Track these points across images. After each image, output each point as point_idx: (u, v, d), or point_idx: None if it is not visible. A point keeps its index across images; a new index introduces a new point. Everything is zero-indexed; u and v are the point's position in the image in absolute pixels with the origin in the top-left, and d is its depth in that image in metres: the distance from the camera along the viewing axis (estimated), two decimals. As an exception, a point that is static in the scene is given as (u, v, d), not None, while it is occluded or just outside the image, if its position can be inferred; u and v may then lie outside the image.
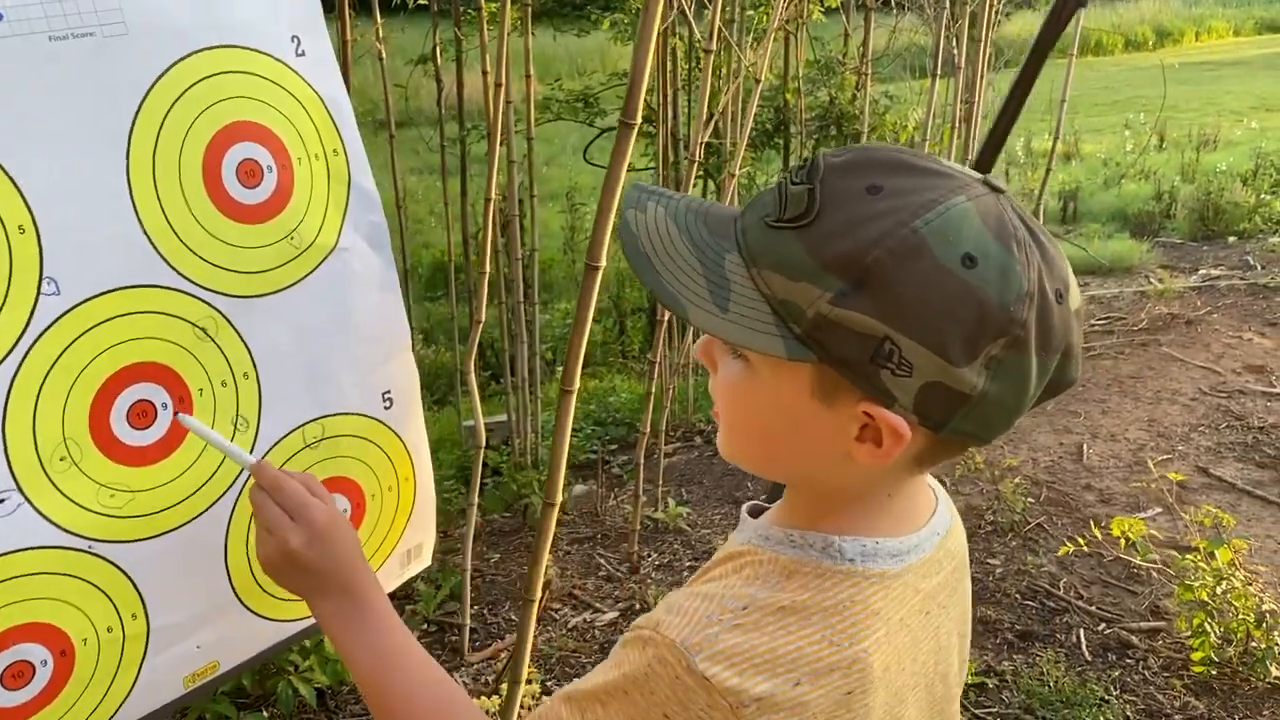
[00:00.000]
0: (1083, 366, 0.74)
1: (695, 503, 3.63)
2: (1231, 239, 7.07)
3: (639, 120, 1.57)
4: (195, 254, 1.02)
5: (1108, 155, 9.70)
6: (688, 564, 3.20)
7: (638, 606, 2.97)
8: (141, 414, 1.01)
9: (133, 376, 1.00)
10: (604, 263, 1.68)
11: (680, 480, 3.79)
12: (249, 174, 1.06)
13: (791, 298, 0.68)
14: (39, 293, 0.92)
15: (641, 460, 3.10)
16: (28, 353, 0.92)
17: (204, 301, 1.03)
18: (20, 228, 0.91)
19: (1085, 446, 3.76)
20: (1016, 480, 3.40)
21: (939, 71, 4.14)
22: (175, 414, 1.03)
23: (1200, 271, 6.26)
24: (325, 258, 1.13)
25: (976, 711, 2.52)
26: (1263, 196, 7.58)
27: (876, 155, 0.71)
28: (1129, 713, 2.52)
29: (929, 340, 0.65)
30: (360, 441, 1.19)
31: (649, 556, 3.24)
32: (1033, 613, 2.89)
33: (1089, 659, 2.71)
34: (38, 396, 0.94)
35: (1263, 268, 6.18)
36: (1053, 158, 4.03)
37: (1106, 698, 2.56)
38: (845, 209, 0.67)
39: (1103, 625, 2.83)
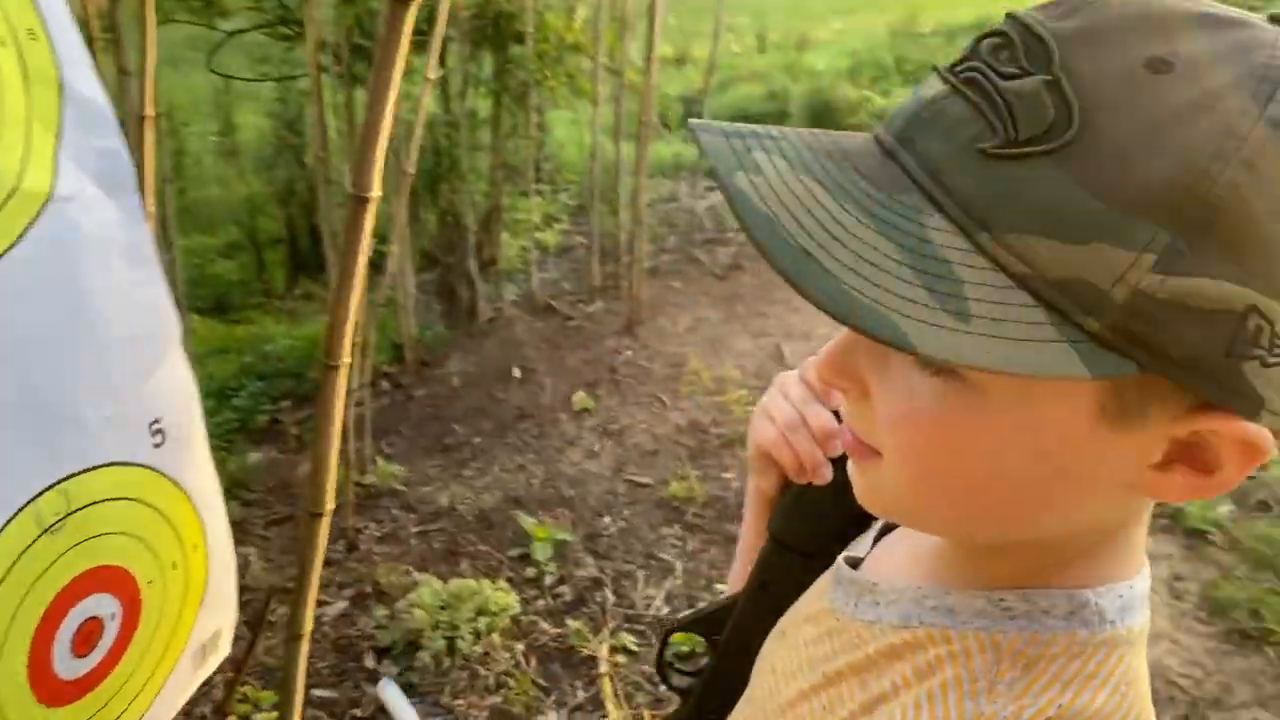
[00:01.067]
0: None
1: (400, 457, 3.23)
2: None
3: (419, -5, 1.16)
4: None
5: (715, 59, 10.04)
6: (413, 530, 2.82)
7: (369, 590, 2.57)
8: None
9: None
10: (377, 192, 1.26)
11: (376, 433, 3.36)
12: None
13: (1076, 273, 0.39)
14: None
15: (350, 417, 2.67)
16: None
17: None
18: None
19: (783, 347, 3.78)
20: (739, 393, 3.34)
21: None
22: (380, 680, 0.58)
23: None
24: (37, 215, 0.67)
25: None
26: (864, 92, 8.16)
27: (1112, 2, 0.42)
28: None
29: None
30: (125, 506, 0.75)
31: (366, 529, 2.82)
32: (780, 524, 2.84)
33: (843, 563, 2.70)
34: None
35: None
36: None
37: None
38: (1131, 106, 0.39)
39: (847, 526, 2.84)
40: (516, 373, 3.70)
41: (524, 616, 2.45)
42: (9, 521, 0.66)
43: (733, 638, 0.72)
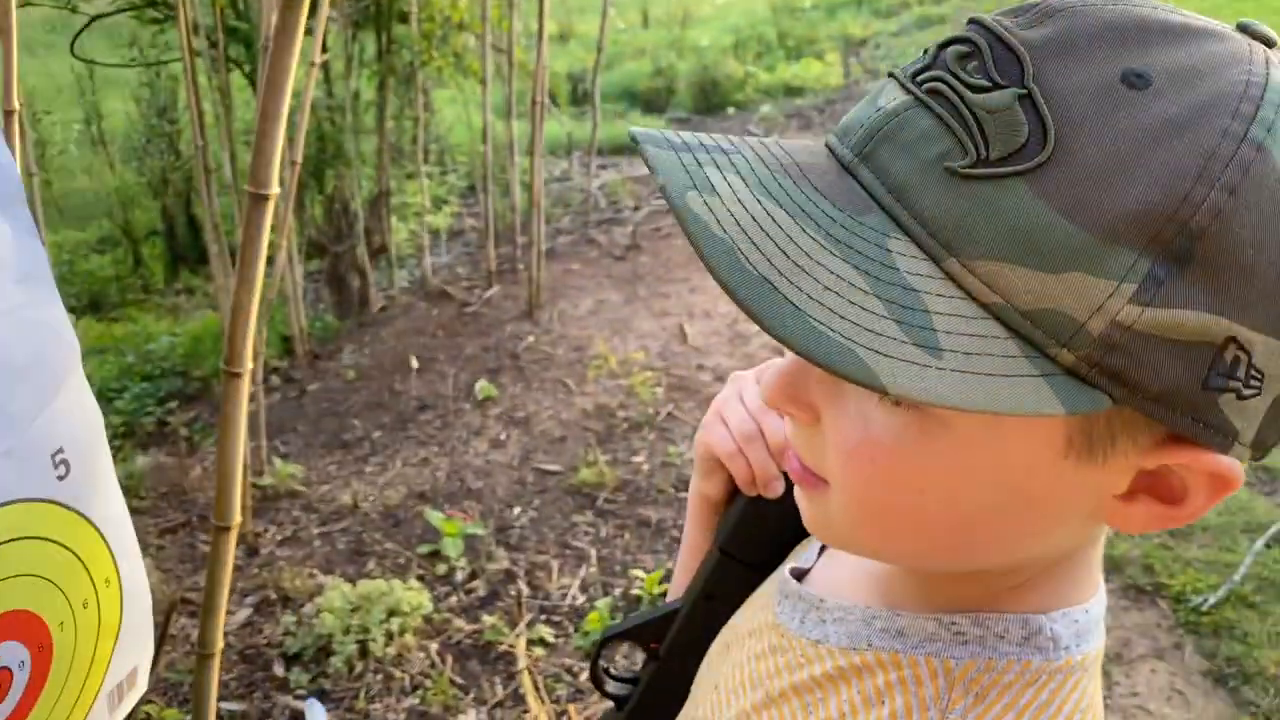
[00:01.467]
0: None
1: (297, 455, 3.13)
2: (730, 110, 7.60)
3: (315, -17, 1.10)
4: None
5: (604, 36, 9.97)
6: (316, 532, 2.74)
7: (273, 596, 2.48)
8: None
9: None
10: (276, 189, 1.20)
11: (271, 431, 3.25)
12: None
13: (1052, 304, 0.37)
14: None
15: (245, 416, 2.56)
16: None
17: None
18: None
19: (685, 327, 3.78)
20: (645, 374, 3.32)
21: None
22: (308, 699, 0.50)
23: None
24: (-86, 235, 0.60)
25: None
26: (749, 69, 8.22)
27: (1083, 11, 0.40)
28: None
29: None
30: (30, 545, 0.69)
31: (266, 532, 2.72)
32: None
33: (755, 540, 2.71)
34: None
35: (766, 134, 6.72)
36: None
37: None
38: (1108, 124, 0.37)
39: (757, 503, 2.85)
40: (414, 363, 3.61)
41: (437, 614, 2.40)
42: (-100, 575, 0.60)
43: (675, 648, 0.70)
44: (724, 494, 0.69)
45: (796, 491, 0.51)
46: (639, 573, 2.51)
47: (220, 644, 1.47)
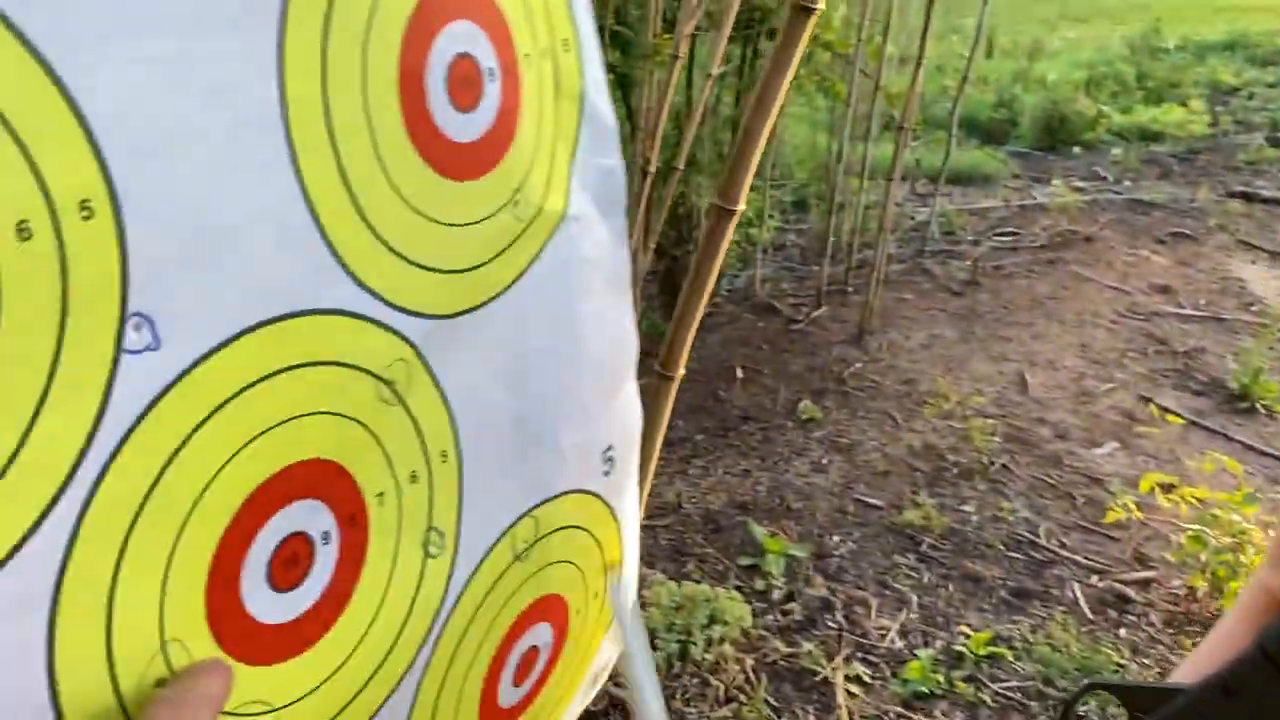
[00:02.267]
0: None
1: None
2: (1076, 149, 7.18)
3: (819, 3, 1.10)
4: (386, 245, 0.52)
5: (942, 61, 9.69)
6: (641, 524, 2.81)
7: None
8: (290, 562, 0.51)
9: (279, 495, 0.50)
10: (742, 206, 1.22)
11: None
12: (464, 83, 0.55)
13: None
14: (118, 348, 0.41)
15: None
16: (101, 476, 0.41)
17: (395, 332, 0.54)
18: (84, 204, 0.39)
19: (1026, 376, 3.59)
20: (982, 420, 3.19)
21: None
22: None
23: (1056, 183, 6.28)
24: (550, 237, 0.64)
25: (995, 687, 2.29)
26: (1102, 107, 7.73)
27: None
28: (1148, 678, 2.36)
29: None
30: (574, 534, 0.73)
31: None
32: (1021, 566, 2.69)
33: (1091, 617, 2.53)
34: (118, 562, 0.43)
35: (1115, 180, 6.28)
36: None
37: (1122, 662, 2.39)
38: None
39: (1094, 577, 2.66)
40: (739, 372, 3.64)
41: (753, 630, 2.40)
42: (493, 546, 0.64)
43: None
44: None
45: None
46: (964, 629, 2.41)
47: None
